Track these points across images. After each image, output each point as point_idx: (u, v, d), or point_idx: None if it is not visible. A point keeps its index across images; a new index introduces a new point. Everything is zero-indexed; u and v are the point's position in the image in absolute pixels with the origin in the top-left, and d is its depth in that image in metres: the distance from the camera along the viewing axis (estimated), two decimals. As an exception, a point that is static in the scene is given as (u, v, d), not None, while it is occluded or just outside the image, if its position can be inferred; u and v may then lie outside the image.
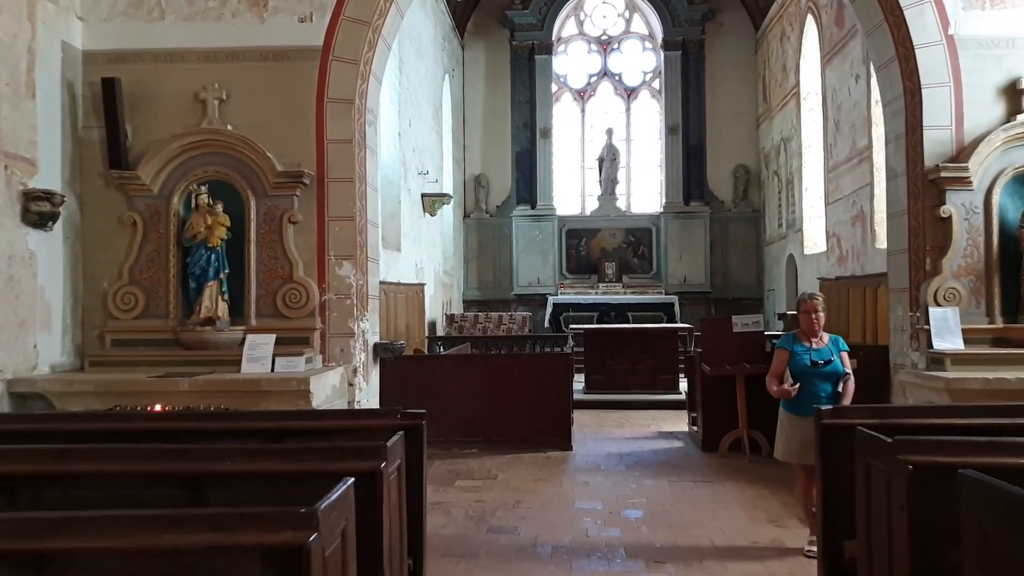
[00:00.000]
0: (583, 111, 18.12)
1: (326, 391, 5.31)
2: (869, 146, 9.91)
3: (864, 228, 10.21)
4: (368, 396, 5.97)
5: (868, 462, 3.02)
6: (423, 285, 12.37)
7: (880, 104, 9.82)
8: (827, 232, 12.01)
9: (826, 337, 4.85)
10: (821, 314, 4.79)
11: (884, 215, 9.54)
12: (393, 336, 10.29)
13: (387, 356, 6.04)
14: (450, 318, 13.07)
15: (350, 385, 5.75)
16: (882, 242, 9.70)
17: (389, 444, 2.92)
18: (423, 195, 12.50)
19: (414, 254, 11.91)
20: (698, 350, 7.89)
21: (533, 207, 17.02)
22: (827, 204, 11.98)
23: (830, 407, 3.82)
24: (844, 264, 11.13)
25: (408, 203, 11.61)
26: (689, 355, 8.57)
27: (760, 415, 7.23)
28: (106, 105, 5.61)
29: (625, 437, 8.36)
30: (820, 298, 4.90)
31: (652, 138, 17.98)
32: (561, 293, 16.52)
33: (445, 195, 12.56)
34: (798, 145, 13.65)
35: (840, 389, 4.70)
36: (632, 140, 18.04)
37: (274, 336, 5.43)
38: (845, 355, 4.81)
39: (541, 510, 5.60)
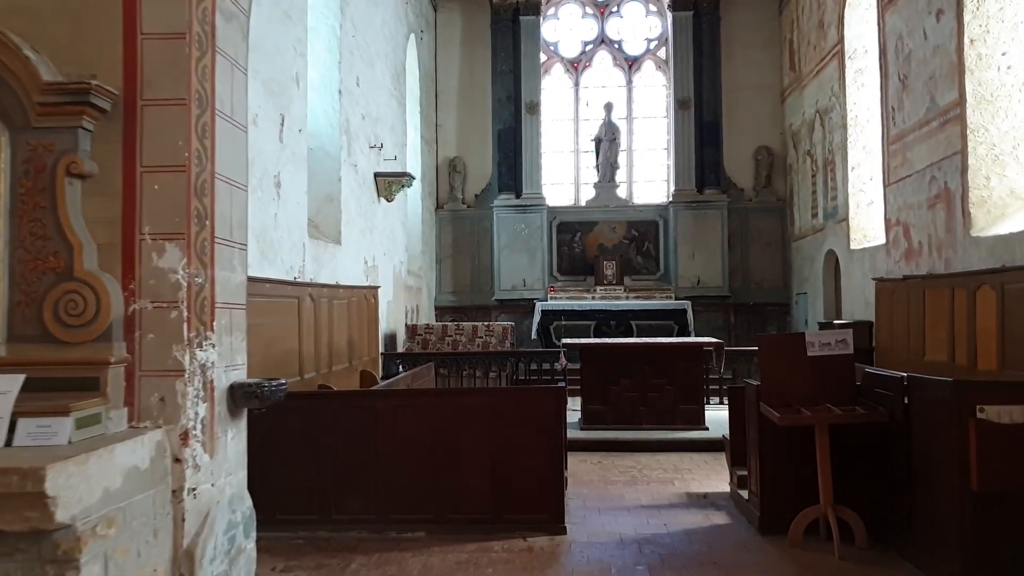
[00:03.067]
0: (577, 84, 15.80)
1: (109, 484, 2.91)
2: (960, 102, 7.61)
3: (951, 211, 7.91)
4: (218, 477, 3.58)
5: None
6: (376, 289, 9.99)
7: (976, 43, 7.60)
8: (886, 220, 9.71)
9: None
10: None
11: (988, 191, 7.24)
12: (327, 356, 7.91)
13: (256, 404, 3.68)
14: (412, 329, 10.71)
15: (176, 462, 3.36)
16: (982, 228, 7.39)
17: None
18: (377, 175, 10.14)
19: (363, 249, 9.54)
20: (750, 382, 5.55)
21: (518, 196, 14.66)
22: (887, 185, 9.68)
23: None
24: (915, 260, 8.82)
25: (354, 183, 9.24)
26: (735, 387, 6.22)
27: (851, 483, 4.91)
28: None
29: (641, 504, 5.98)
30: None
31: (658, 116, 15.68)
32: (551, 298, 14.17)
33: (405, 175, 10.21)
34: (841, 116, 11.36)
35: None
36: (634, 118, 15.73)
37: (20, 377, 3.05)
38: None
39: None
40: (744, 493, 5.67)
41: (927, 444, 4.28)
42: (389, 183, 10.20)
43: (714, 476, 6.88)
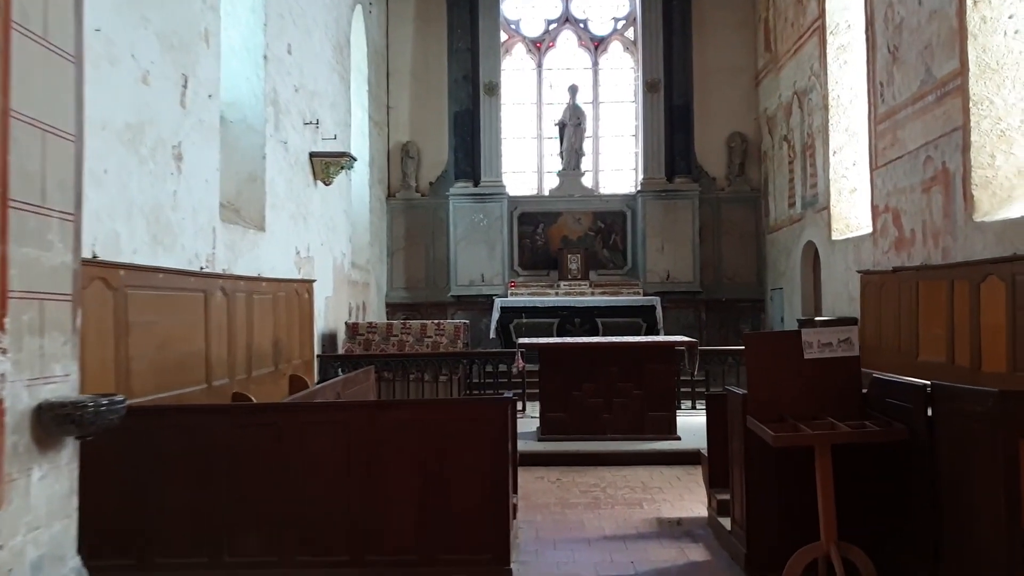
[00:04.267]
0: (540, 66, 14.89)
1: None
2: (962, 71, 6.85)
3: (949, 194, 7.15)
4: (13, 534, 2.59)
5: None
6: (311, 283, 8.98)
7: (980, 4, 6.84)
8: (873, 207, 8.96)
9: None
10: None
11: (993, 171, 6.48)
12: (245, 359, 6.91)
13: (75, 431, 2.72)
14: (353, 328, 9.71)
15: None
16: (987, 212, 6.63)
17: None
18: (313, 154, 9.13)
19: (294, 237, 8.53)
20: (733, 389, 4.68)
21: (476, 184, 13.71)
22: (874, 168, 8.93)
23: None
24: (907, 249, 8.07)
25: (283, 162, 8.23)
26: (715, 395, 5.35)
27: (859, 515, 4.07)
28: None
29: (604, 535, 5.08)
30: None
31: (626, 100, 14.84)
32: (512, 294, 13.27)
33: (344, 155, 9.21)
34: (822, 96, 10.62)
35: None
36: (601, 103, 14.87)
37: None
38: None
39: None
40: (726, 522, 4.81)
41: (960, 469, 3.45)
42: (326, 164, 9.19)
43: (688, 496, 6.03)
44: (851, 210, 10.14)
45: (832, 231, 10.36)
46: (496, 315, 12.48)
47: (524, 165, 14.79)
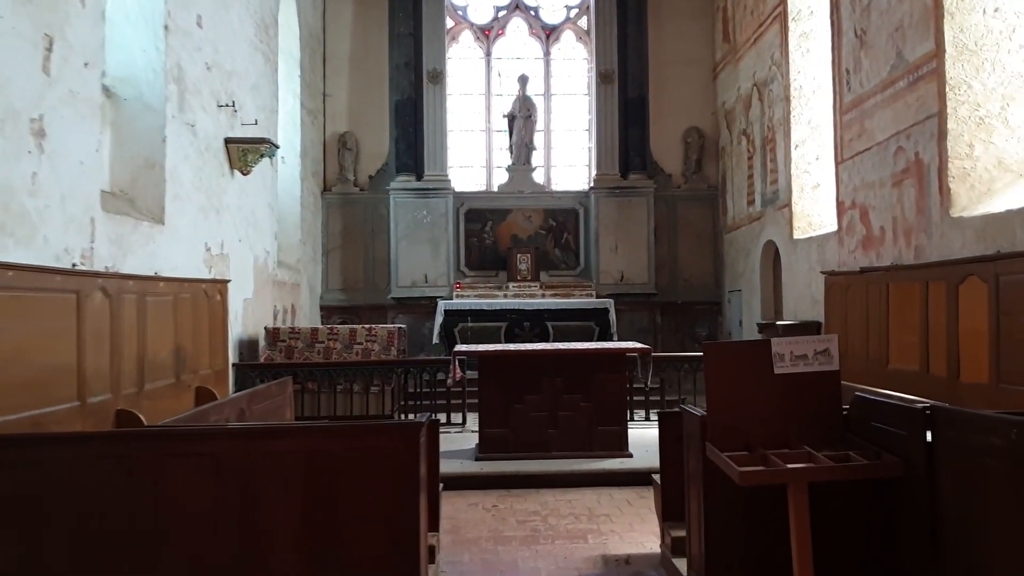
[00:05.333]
0: (488, 54, 14.13)
1: None
2: (937, 53, 6.28)
3: (923, 188, 6.59)
4: None
5: None
6: (224, 283, 8.08)
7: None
8: (839, 203, 8.40)
9: None
10: None
11: (972, 161, 5.91)
12: (135, 371, 6.01)
13: None
14: (273, 334, 8.80)
15: None
16: (965, 206, 6.07)
17: None
18: (228, 140, 8.22)
19: (203, 232, 7.62)
20: (689, 409, 3.96)
21: (419, 178, 12.89)
22: (839, 162, 8.37)
23: None
24: (875, 248, 7.51)
25: (190, 148, 7.33)
26: (669, 412, 4.62)
27: (840, 560, 3.40)
28: None
29: (542, 580, 4.35)
30: None
31: (579, 93, 14.17)
32: (457, 296, 12.48)
33: (264, 142, 8.31)
34: (783, 87, 10.06)
35: None
36: (553, 95, 14.17)
37: None
38: None
39: None
40: (681, 564, 4.11)
41: (968, 515, 2.78)
42: (244, 151, 8.29)
43: (639, 525, 5.32)
44: (814, 207, 9.60)
45: (794, 229, 9.80)
46: (440, 319, 11.68)
47: (472, 159, 14.02)
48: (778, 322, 9.53)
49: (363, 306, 12.71)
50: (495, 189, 13.63)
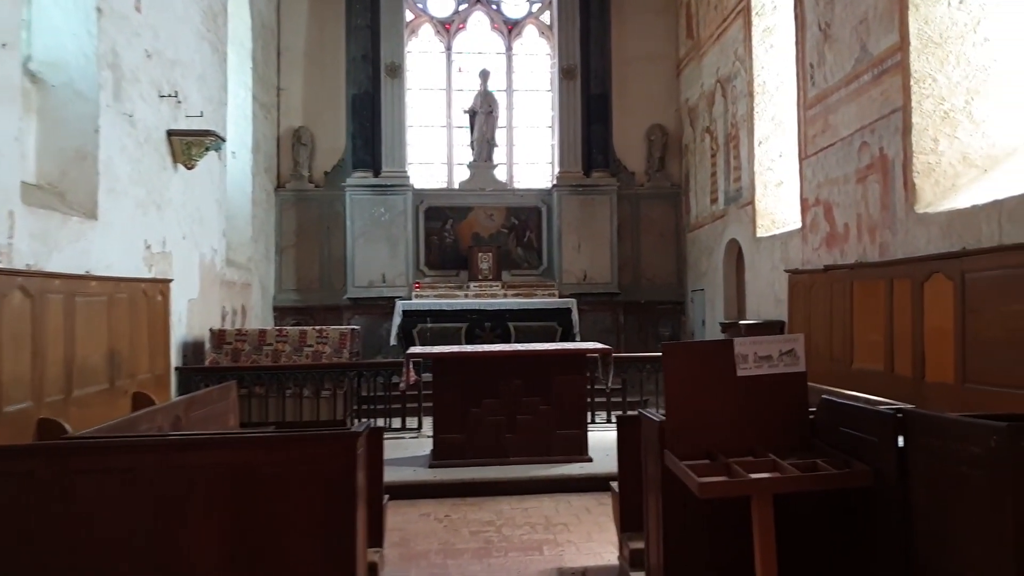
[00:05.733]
0: (449, 48, 13.84)
1: None
2: (902, 46, 6.16)
3: (888, 184, 6.47)
4: None
5: None
6: (167, 282, 7.69)
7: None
8: (802, 200, 8.29)
9: None
10: None
11: (937, 156, 5.80)
12: (62, 376, 5.62)
13: None
14: (219, 337, 8.41)
15: None
16: (930, 202, 5.96)
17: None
18: (171, 133, 7.83)
19: (142, 228, 7.23)
20: (648, 414, 3.73)
21: (376, 175, 12.56)
22: (803, 158, 8.25)
23: None
24: (839, 246, 7.39)
25: (127, 140, 6.93)
26: (627, 417, 4.39)
27: (802, 570, 3.20)
28: None
29: (493, 597, 4.10)
30: None
31: (541, 89, 13.95)
32: (416, 296, 12.18)
33: (209, 134, 7.93)
34: (746, 83, 9.94)
35: None
36: (515, 90, 13.93)
37: None
38: None
39: None
40: (641, 578, 3.88)
41: (945, 528, 2.59)
42: (188, 144, 7.90)
43: (598, 534, 5.10)
44: (777, 205, 9.49)
45: (757, 227, 9.69)
46: (398, 319, 11.35)
47: (432, 156, 13.72)
48: (741, 321, 9.40)
49: (318, 307, 12.34)
50: (456, 186, 13.35)
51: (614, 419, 8.50)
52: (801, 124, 8.27)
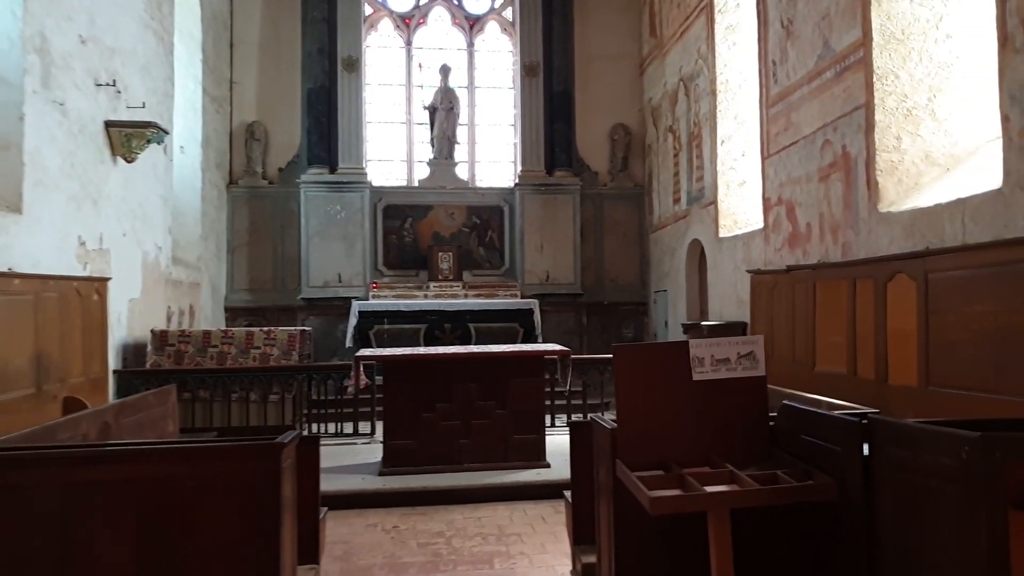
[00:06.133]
0: (409, 43, 13.55)
1: None
2: (864, 41, 6.05)
3: (850, 182, 6.36)
4: None
5: None
6: (104, 281, 7.31)
7: (886, -36, 6.03)
8: (765, 200, 8.17)
9: None
10: None
11: (899, 154, 5.69)
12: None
13: None
14: (161, 338, 8.02)
15: None
16: (893, 201, 5.85)
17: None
18: (109, 124, 7.45)
19: (77, 224, 6.84)
20: (599, 419, 3.51)
21: (332, 171, 12.22)
22: (765, 157, 8.14)
23: None
24: (802, 246, 7.28)
25: (58, 130, 6.55)
26: (579, 423, 4.16)
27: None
28: None
29: (437, 617, 3.85)
30: None
31: (503, 86, 13.72)
32: (374, 296, 11.87)
33: (150, 125, 7.55)
34: (709, 81, 9.82)
35: None
36: (477, 87, 13.69)
37: None
38: None
39: None
40: (594, 595, 3.66)
41: (913, 546, 2.40)
42: (128, 136, 7.52)
43: (552, 546, 4.88)
44: (740, 204, 9.38)
45: (719, 228, 9.57)
46: (353, 320, 11.04)
47: (391, 153, 13.41)
48: (703, 323, 9.27)
49: (271, 307, 11.96)
50: (416, 184, 13.06)
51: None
52: (763, 122, 8.15)
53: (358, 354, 6.56)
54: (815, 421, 3.01)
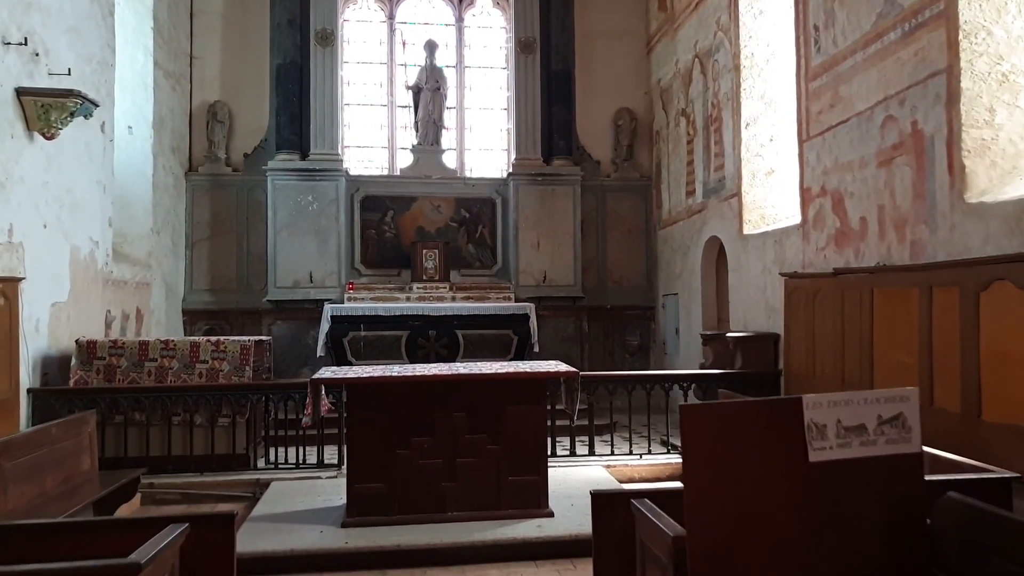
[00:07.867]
0: (392, 18, 12.35)
1: None
2: (946, -10, 4.93)
3: (923, 167, 5.24)
4: None
5: None
6: (16, 282, 6.11)
7: None
8: (803, 190, 7.05)
9: None
10: None
11: (993, 131, 4.57)
12: None
13: None
14: (89, 350, 6.79)
15: None
16: (985, 189, 4.72)
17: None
18: (21, 91, 6.24)
19: (-28, 212, 5.65)
20: (649, 511, 2.37)
21: (304, 157, 11.02)
22: (804, 140, 7.02)
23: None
24: (854, 244, 6.16)
25: (-52, 94, 5.35)
26: (604, 502, 2.95)
27: None
28: None
29: None
30: None
31: (496, 67, 12.55)
32: (349, 299, 10.69)
33: (72, 94, 6.36)
34: (732, 56, 8.70)
35: None
36: (467, 67, 12.52)
37: None
38: None
39: None
40: None
41: None
42: (46, 107, 6.32)
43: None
44: (769, 196, 8.26)
45: (744, 223, 8.44)
46: (326, 326, 9.86)
47: (371, 138, 12.22)
48: (728, 333, 8.13)
49: (235, 310, 10.76)
50: (398, 173, 11.88)
51: (580, 450, 7.21)
52: (801, 99, 7.02)
53: (315, 377, 5.36)
54: (1005, 530, 1.88)
